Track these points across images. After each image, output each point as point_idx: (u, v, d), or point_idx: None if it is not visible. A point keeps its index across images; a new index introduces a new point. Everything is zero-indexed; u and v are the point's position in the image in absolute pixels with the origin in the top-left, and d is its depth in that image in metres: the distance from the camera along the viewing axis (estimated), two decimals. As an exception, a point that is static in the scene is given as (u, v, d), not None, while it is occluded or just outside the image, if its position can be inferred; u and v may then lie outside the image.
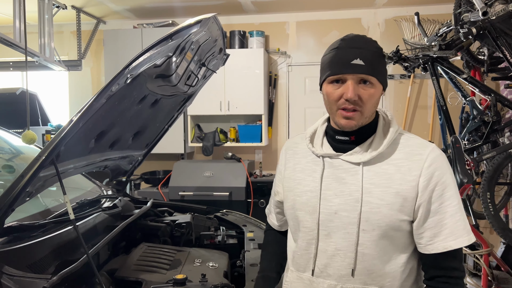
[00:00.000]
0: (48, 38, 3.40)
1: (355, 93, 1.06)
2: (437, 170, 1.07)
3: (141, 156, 2.35)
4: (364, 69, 1.06)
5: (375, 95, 1.09)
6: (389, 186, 1.07)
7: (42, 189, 1.53)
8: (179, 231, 2.09)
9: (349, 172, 1.11)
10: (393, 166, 1.09)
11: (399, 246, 1.10)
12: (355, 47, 1.08)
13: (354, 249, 1.09)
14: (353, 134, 1.13)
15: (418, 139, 1.14)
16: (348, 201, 1.10)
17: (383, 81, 1.11)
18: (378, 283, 1.09)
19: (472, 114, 2.92)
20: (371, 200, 1.08)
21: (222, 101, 4.29)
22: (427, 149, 1.09)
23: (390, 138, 1.11)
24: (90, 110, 1.28)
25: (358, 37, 1.12)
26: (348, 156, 1.12)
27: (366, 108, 1.08)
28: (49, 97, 4.87)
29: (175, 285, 1.44)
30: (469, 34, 2.41)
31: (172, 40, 1.40)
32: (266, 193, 3.99)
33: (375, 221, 1.07)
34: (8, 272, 1.26)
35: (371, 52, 1.08)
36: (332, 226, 1.11)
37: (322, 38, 4.48)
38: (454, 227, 1.06)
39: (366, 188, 1.08)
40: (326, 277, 1.13)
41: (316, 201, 1.13)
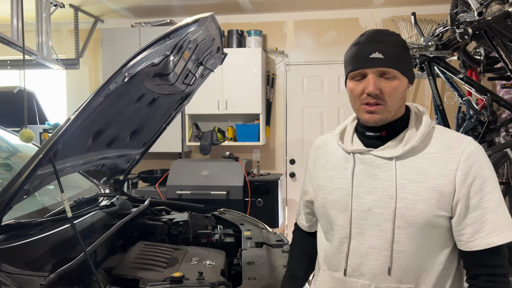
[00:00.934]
0: (45, 37, 3.39)
1: (376, 86, 1.04)
2: (475, 164, 1.03)
3: (138, 155, 2.35)
4: (384, 62, 1.04)
5: (398, 88, 1.06)
6: (425, 181, 1.04)
7: (39, 187, 1.53)
8: (177, 230, 2.10)
9: (382, 168, 1.09)
10: (427, 160, 1.06)
11: (438, 243, 1.07)
12: (374, 41, 1.07)
13: (389, 247, 1.06)
14: (384, 129, 1.10)
15: (454, 132, 1.11)
16: (382, 197, 1.07)
17: (407, 73, 1.08)
18: (413, 281, 1.06)
19: (469, 113, 2.93)
20: (406, 196, 1.05)
21: (220, 100, 4.29)
22: (464, 142, 1.06)
23: (424, 131, 1.08)
24: (87, 109, 1.29)
25: (378, 31, 1.10)
26: (380, 151, 1.10)
27: (389, 101, 1.06)
28: (47, 95, 4.87)
29: (172, 283, 1.44)
30: (465, 34, 2.42)
31: (169, 39, 1.40)
32: (264, 192, 4.00)
33: (411, 217, 1.04)
34: (5, 270, 1.27)
35: (391, 45, 1.06)
36: (365, 224, 1.09)
37: (320, 37, 4.49)
38: (497, 222, 1.02)
39: (400, 183, 1.06)
40: (359, 277, 1.10)
41: (348, 198, 1.11)
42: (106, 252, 1.87)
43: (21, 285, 1.24)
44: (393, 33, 1.11)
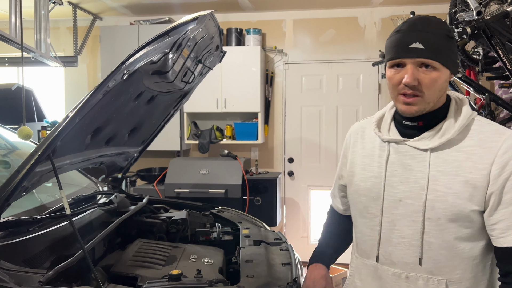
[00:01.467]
0: (44, 34, 3.38)
1: (414, 77, 1.02)
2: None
3: (137, 152, 2.35)
4: (424, 53, 1.01)
5: (438, 79, 1.03)
6: (458, 174, 1.03)
7: (38, 184, 1.53)
8: (175, 228, 2.10)
9: (416, 159, 1.08)
10: (463, 153, 1.04)
11: (470, 237, 1.05)
12: (416, 30, 1.03)
13: (419, 237, 1.06)
14: (421, 119, 1.08)
15: (495, 125, 1.08)
16: (414, 188, 1.07)
17: (449, 64, 1.05)
18: (445, 274, 1.06)
19: (467, 113, 2.94)
20: (437, 188, 1.04)
21: (219, 99, 4.29)
22: (503, 136, 1.03)
23: (462, 123, 1.05)
24: (86, 106, 1.29)
25: (421, 19, 1.06)
26: (415, 142, 1.09)
27: (428, 93, 1.04)
28: (45, 93, 4.86)
29: (170, 281, 1.44)
30: (464, 33, 2.43)
31: (169, 36, 1.40)
32: (262, 191, 4.00)
33: (441, 209, 1.03)
34: (4, 267, 1.27)
35: (433, 34, 1.02)
36: (397, 214, 1.09)
37: (319, 36, 4.49)
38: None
39: (433, 175, 1.05)
40: (390, 265, 1.12)
41: (380, 187, 1.12)
42: (104, 250, 1.87)
43: (20, 282, 1.24)
44: (438, 20, 1.07)
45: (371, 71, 4.35)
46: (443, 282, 1.05)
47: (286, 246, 1.91)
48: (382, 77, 4.42)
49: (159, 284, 1.43)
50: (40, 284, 1.26)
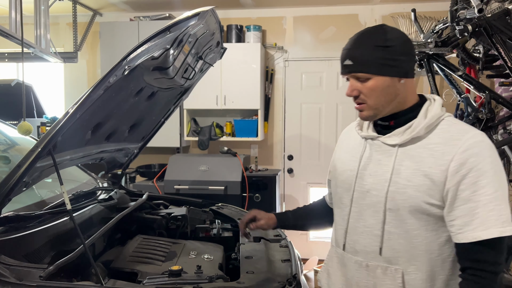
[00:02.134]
0: (44, 30, 3.37)
1: (352, 89, 1.15)
2: (473, 157, 1.04)
3: (137, 149, 2.35)
4: (352, 68, 1.13)
5: (375, 88, 1.12)
6: (419, 169, 1.09)
7: (38, 180, 1.54)
8: (175, 224, 2.10)
9: (386, 154, 1.16)
10: (428, 150, 1.10)
11: (428, 231, 1.09)
12: (346, 48, 1.15)
13: (381, 227, 1.12)
14: (392, 119, 1.17)
15: (463, 125, 1.12)
16: (379, 180, 1.14)
17: (386, 70, 1.11)
18: (402, 264, 1.11)
19: (467, 111, 2.94)
20: (398, 181, 1.11)
21: (219, 95, 4.29)
22: (467, 135, 1.07)
23: (429, 122, 1.11)
24: (87, 101, 1.29)
25: (356, 36, 1.16)
26: (386, 138, 1.16)
27: (369, 100, 1.14)
28: (44, 89, 4.85)
29: (170, 276, 1.45)
30: (465, 31, 2.43)
31: (170, 32, 1.40)
32: (262, 188, 4.00)
33: (400, 201, 1.09)
34: (4, 262, 1.27)
35: (362, 49, 1.12)
36: (363, 204, 1.17)
37: (319, 33, 4.48)
38: (486, 217, 1.02)
39: (397, 169, 1.12)
40: (354, 253, 1.19)
41: (352, 179, 1.20)
42: (104, 246, 1.87)
43: (20, 276, 1.24)
44: (372, 33, 1.13)
45: (371, 69, 4.34)
46: (400, 271, 1.11)
47: (286, 243, 1.92)
48: (382, 74, 4.41)
49: (160, 279, 1.43)
50: (40, 279, 1.26)
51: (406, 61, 1.13)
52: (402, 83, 1.13)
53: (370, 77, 1.12)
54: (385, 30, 1.13)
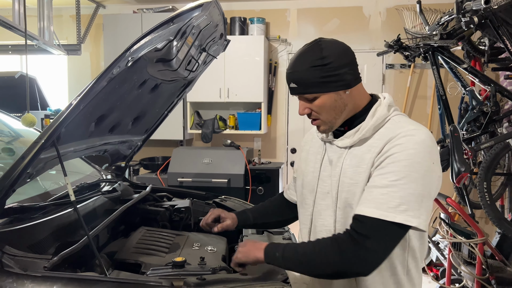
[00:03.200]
0: (47, 22, 3.37)
1: (303, 109, 1.20)
2: (396, 146, 1.08)
3: (140, 141, 2.35)
4: (298, 90, 1.18)
5: (323, 105, 1.16)
6: (359, 166, 1.15)
7: (42, 171, 1.54)
8: (178, 216, 2.11)
9: (339, 156, 1.21)
10: (369, 147, 1.15)
11: None
12: (288, 71, 1.19)
13: (333, 225, 1.20)
14: (346, 124, 1.22)
15: (406, 123, 1.14)
16: (333, 182, 1.20)
17: (327, 88, 1.15)
18: None
19: (471, 104, 2.93)
20: (344, 180, 1.17)
21: (222, 88, 4.28)
22: (402, 129, 1.11)
23: (374, 123, 1.15)
24: (91, 92, 1.28)
25: (293, 59, 1.18)
26: (338, 141, 1.22)
27: (322, 116, 1.19)
28: (48, 81, 4.85)
29: (174, 268, 1.45)
30: (471, 23, 2.41)
31: (173, 23, 1.39)
32: (264, 181, 4.01)
33: (346, 199, 1.16)
34: (9, 252, 1.28)
35: (300, 72, 1.15)
36: (323, 204, 1.23)
37: (323, 26, 4.45)
38: (375, 197, 1.06)
39: (344, 169, 1.18)
40: None
41: (315, 181, 1.26)
42: (108, 237, 1.88)
43: (25, 267, 1.25)
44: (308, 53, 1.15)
45: (376, 61, 4.33)
46: None
47: (289, 235, 1.92)
48: (386, 67, 4.39)
49: (163, 271, 1.44)
50: (45, 269, 1.27)
51: (346, 72, 1.15)
52: (348, 93, 1.17)
53: (316, 96, 1.16)
54: (321, 47, 1.14)
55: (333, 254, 1.07)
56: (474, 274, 2.68)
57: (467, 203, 2.90)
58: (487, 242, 2.70)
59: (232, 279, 1.43)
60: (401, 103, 4.35)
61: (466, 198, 2.90)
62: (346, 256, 1.06)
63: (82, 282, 1.23)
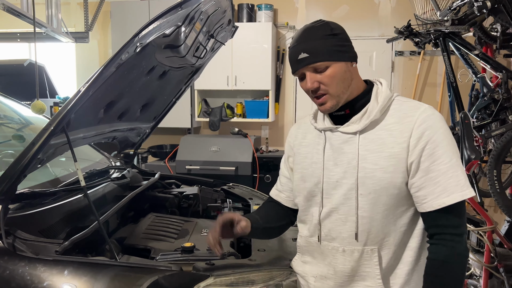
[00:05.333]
0: (55, 9, 3.36)
1: (313, 82, 1.15)
2: (428, 130, 1.10)
3: (149, 128, 2.36)
4: (310, 60, 1.14)
5: (334, 75, 1.15)
6: (382, 151, 1.13)
7: (52, 157, 1.55)
8: (187, 203, 2.12)
9: (347, 142, 1.18)
10: (386, 131, 1.14)
11: (398, 207, 1.15)
12: (300, 42, 1.17)
13: (354, 213, 1.16)
14: (347, 107, 1.20)
15: (412, 102, 1.18)
16: (347, 169, 1.17)
17: (340, 56, 1.15)
18: (377, 243, 1.16)
19: (482, 91, 2.88)
20: (366, 166, 1.14)
21: (229, 76, 4.26)
22: (419, 111, 1.13)
23: (382, 104, 1.16)
24: (100, 78, 1.29)
25: (302, 31, 1.18)
26: (345, 128, 1.19)
27: (331, 89, 1.16)
28: (56, 69, 4.87)
29: (183, 253, 1.47)
30: (484, 7, 2.36)
31: (181, 9, 1.38)
32: (272, 169, 4.01)
33: (371, 185, 1.13)
34: (21, 236, 1.30)
35: (313, 40, 1.15)
36: (334, 193, 1.19)
37: (332, 12, 4.40)
38: (447, 184, 1.08)
39: (362, 155, 1.15)
40: (330, 240, 1.21)
41: (320, 172, 1.22)
42: (118, 223, 1.90)
43: (37, 251, 1.27)
44: (317, 26, 1.17)
45: (385, 48, 4.27)
46: (376, 250, 1.16)
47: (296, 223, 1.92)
48: (395, 54, 4.34)
49: (172, 256, 1.45)
50: (56, 253, 1.29)
51: (352, 47, 1.19)
52: (354, 67, 1.19)
53: (328, 64, 1.14)
54: (327, 22, 1.17)
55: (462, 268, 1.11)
56: (482, 262, 2.67)
57: (476, 191, 2.88)
58: (496, 230, 2.68)
59: (240, 264, 1.44)
60: (410, 90, 4.31)
61: (475, 186, 2.88)
62: (465, 255, 1.10)
63: (93, 266, 1.25)
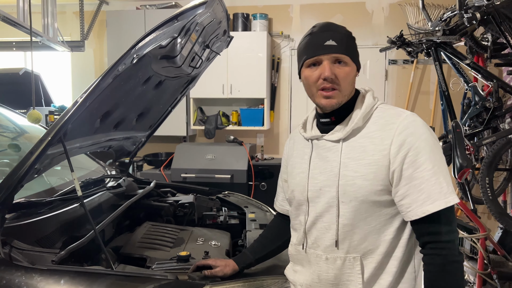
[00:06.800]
0: (51, 19, 3.39)
1: (332, 71, 1.13)
2: (409, 136, 1.09)
3: (144, 137, 2.37)
4: (337, 49, 1.13)
5: (350, 73, 1.16)
6: (363, 158, 1.13)
7: (49, 167, 1.56)
8: (182, 211, 2.13)
9: (331, 150, 1.18)
10: (367, 138, 1.14)
11: (382, 215, 1.13)
12: (328, 30, 1.16)
13: (335, 220, 1.15)
14: (333, 115, 1.20)
15: (395, 109, 1.17)
16: (330, 176, 1.17)
17: (357, 60, 1.18)
18: (359, 251, 1.15)
19: (474, 100, 2.93)
20: (347, 173, 1.14)
21: (225, 84, 4.29)
22: (400, 117, 1.12)
23: (364, 112, 1.16)
24: (97, 89, 1.30)
25: (328, 23, 1.20)
26: (329, 136, 1.19)
27: (343, 86, 1.15)
28: (52, 78, 4.87)
29: (179, 262, 1.48)
30: (473, 19, 2.41)
31: (177, 21, 1.41)
32: (267, 176, 4.03)
33: (351, 192, 1.13)
34: (17, 246, 1.30)
35: (342, 34, 1.16)
36: (318, 202, 1.19)
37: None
38: (430, 191, 1.06)
39: (344, 162, 1.15)
40: (315, 248, 1.21)
41: (305, 181, 1.23)
42: (114, 232, 1.91)
43: (33, 261, 1.27)
44: (341, 25, 1.20)
45: (378, 57, 4.32)
46: (358, 259, 1.15)
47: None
48: (389, 63, 4.39)
49: (168, 264, 1.46)
50: (52, 263, 1.29)
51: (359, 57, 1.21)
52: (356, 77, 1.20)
53: (349, 62, 1.15)
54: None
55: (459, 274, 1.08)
56: (476, 269, 2.69)
57: (469, 198, 2.91)
58: (489, 237, 2.71)
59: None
60: (404, 98, 4.36)
61: (468, 193, 2.91)
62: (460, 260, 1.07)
63: (89, 275, 1.26)
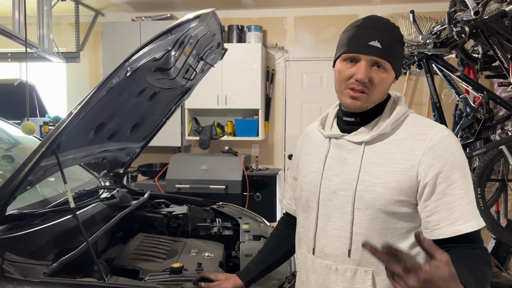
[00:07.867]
0: (47, 30, 3.40)
1: (367, 75, 1.04)
2: (444, 151, 1.01)
3: (138, 148, 2.37)
4: (380, 53, 1.03)
5: (386, 80, 1.07)
6: (388, 165, 1.04)
7: (42, 178, 1.56)
8: (176, 222, 2.13)
9: (352, 152, 1.10)
10: (395, 146, 1.06)
11: (399, 229, 1.04)
12: (376, 29, 1.05)
13: (349, 228, 1.06)
14: (359, 115, 1.11)
15: (427, 120, 1.09)
16: (346, 180, 1.08)
17: (397, 68, 1.09)
18: (372, 265, 1.05)
19: (465, 111, 2.97)
20: (367, 179, 1.05)
21: (220, 95, 4.32)
22: (434, 130, 1.04)
23: (394, 118, 1.07)
24: (91, 101, 1.31)
25: (381, 19, 1.08)
26: (352, 136, 1.11)
27: (374, 92, 1.06)
28: (47, 89, 4.88)
29: (171, 273, 1.47)
30: (462, 33, 2.45)
31: (171, 34, 1.43)
32: (262, 187, 4.03)
33: (369, 199, 1.04)
34: (9, 258, 1.30)
35: (390, 37, 1.05)
36: (331, 205, 1.10)
37: (320, 33, 4.50)
38: (464, 211, 0.98)
39: (365, 167, 1.06)
40: (324, 258, 1.11)
41: (318, 181, 1.13)
42: (107, 244, 1.90)
43: (25, 273, 1.27)
44: (394, 25, 1.10)
45: (372, 69, 4.37)
46: (370, 273, 1.05)
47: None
48: (382, 74, 4.44)
49: (161, 276, 1.46)
50: (44, 275, 1.29)
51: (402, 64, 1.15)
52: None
53: (388, 68, 1.05)
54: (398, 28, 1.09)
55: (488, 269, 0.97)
56: (469, 280, 2.69)
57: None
58: (481, 248, 2.72)
59: (228, 284, 1.45)
60: (397, 109, 4.40)
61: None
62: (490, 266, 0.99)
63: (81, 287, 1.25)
